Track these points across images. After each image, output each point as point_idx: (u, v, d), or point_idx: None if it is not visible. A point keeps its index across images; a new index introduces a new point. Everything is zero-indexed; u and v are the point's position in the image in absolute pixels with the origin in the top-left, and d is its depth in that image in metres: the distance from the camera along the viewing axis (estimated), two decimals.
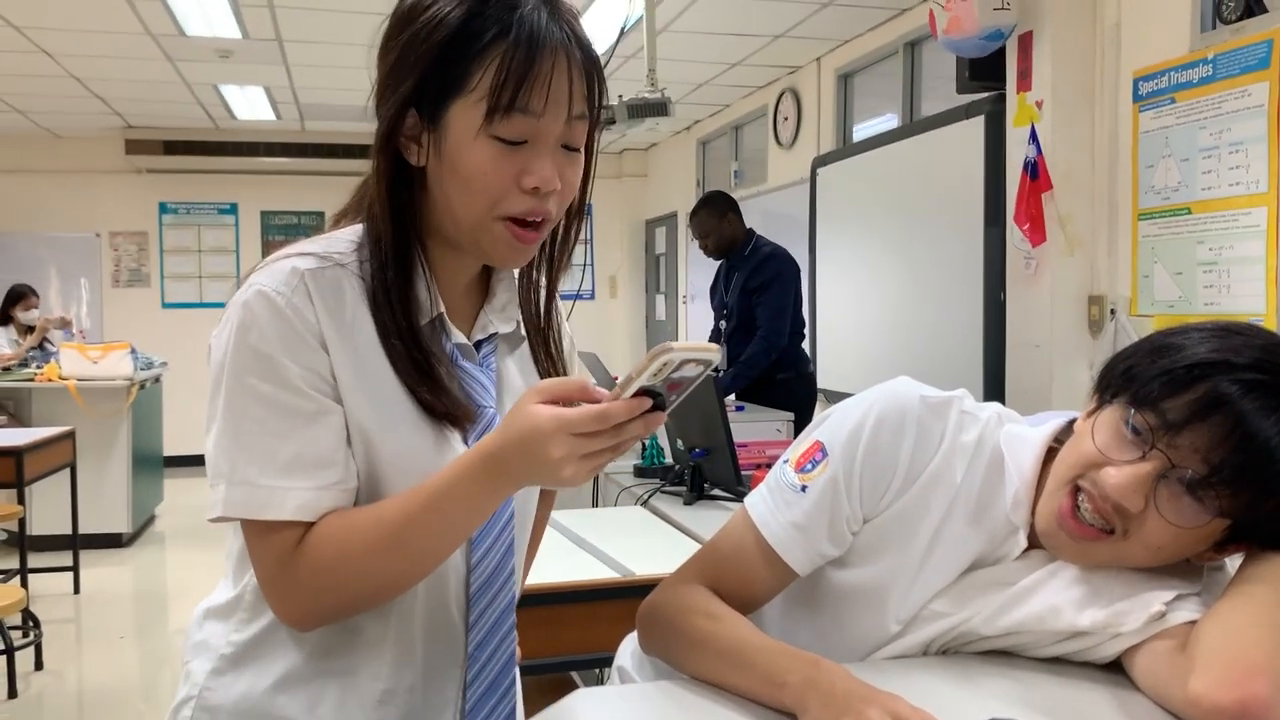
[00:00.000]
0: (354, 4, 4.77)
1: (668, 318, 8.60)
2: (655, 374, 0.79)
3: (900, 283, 4.76)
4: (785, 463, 1.08)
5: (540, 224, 0.95)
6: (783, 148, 6.41)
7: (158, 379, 6.52)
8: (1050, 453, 1.03)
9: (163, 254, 8.61)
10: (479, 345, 1.02)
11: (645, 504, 2.71)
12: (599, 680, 2.18)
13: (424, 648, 1.00)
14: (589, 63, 0.93)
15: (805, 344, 4.57)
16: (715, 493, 2.75)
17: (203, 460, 0.93)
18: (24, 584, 4.07)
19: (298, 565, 0.90)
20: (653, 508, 2.66)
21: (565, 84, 0.91)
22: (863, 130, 5.65)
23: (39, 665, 3.98)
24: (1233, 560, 0.99)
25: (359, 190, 1.02)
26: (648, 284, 9.18)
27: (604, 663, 1.78)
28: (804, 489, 1.04)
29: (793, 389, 4.31)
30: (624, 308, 9.22)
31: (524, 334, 1.09)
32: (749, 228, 4.54)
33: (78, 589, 4.94)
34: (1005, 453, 1.05)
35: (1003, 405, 1.10)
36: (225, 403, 0.90)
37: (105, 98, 7.00)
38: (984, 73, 3.86)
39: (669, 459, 3.06)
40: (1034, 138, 3.57)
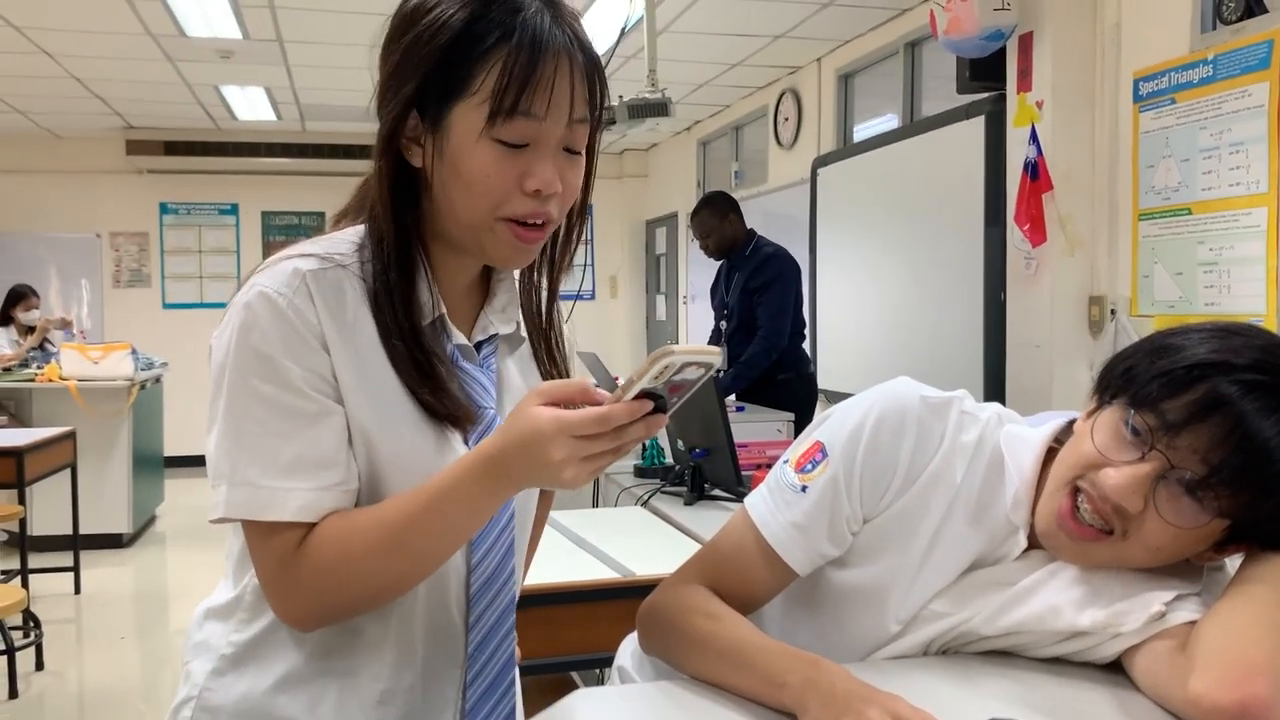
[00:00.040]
0: (355, 4, 4.76)
1: (668, 318, 8.60)
2: (656, 377, 0.80)
3: (901, 283, 4.76)
4: (785, 463, 1.08)
5: (542, 225, 0.95)
6: (783, 148, 6.41)
7: (158, 379, 6.52)
8: (1050, 453, 1.03)
9: (163, 254, 8.61)
10: (479, 346, 1.03)
11: (645, 504, 2.71)
12: (599, 680, 2.18)
13: (424, 648, 1.00)
14: (591, 66, 0.93)
15: (806, 344, 4.57)
16: (715, 493, 2.75)
17: (203, 461, 0.93)
18: (25, 584, 4.08)
19: (299, 566, 0.90)
20: (653, 508, 2.66)
21: (567, 88, 0.91)
22: (863, 130, 5.65)
23: (40, 665, 3.98)
24: (1233, 560, 0.99)
25: (360, 191, 1.03)
26: (648, 284, 9.17)
27: (604, 663, 1.78)
28: (804, 489, 1.04)
29: (793, 389, 4.31)
30: (624, 308, 9.22)
31: (524, 335, 1.09)
32: (750, 228, 4.54)
33: (78, 589, 4.94)
34: (1005, 453, 1.05)
35: (1003, 405, 1.10)
36: (227, 404, 0.90)
37: (106, 98, 7.01)
38: (984, 73, 3.86)
39: (669, 459, 3.06)
40: (1034, 138, 3.57)
